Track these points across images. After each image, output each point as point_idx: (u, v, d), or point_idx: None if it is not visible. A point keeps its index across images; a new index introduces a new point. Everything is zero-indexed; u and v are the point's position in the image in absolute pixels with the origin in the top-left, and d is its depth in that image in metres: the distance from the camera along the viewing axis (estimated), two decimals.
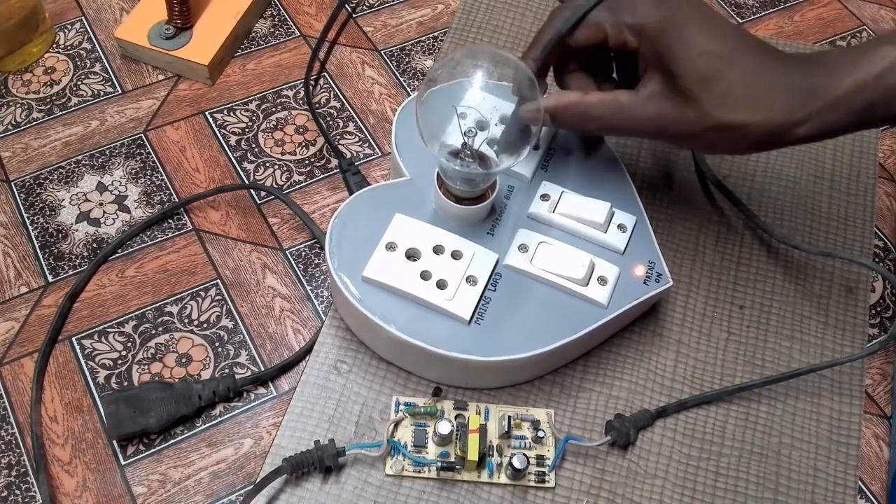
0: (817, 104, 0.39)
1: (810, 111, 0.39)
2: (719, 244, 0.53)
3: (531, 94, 0.43)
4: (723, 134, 0.40)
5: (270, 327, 0.50)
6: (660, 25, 0.40)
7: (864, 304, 0.52)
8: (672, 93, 0.41)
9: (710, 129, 0.40)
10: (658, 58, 0.41)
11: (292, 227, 0.54)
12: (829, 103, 0.39)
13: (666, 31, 0.40)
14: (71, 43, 0.62)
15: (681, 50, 0.40)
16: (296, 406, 0.46)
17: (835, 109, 0.39)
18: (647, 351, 0.49)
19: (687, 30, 0.40)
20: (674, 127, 0.41)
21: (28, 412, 0.46)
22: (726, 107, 0.40)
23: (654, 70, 0.41)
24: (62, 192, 0.54)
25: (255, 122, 0.58)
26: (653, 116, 0.42)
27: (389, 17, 0.64)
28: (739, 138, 0.40)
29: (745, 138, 0.40)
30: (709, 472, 0.45)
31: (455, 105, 0.43)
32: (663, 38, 0.40)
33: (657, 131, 0.42)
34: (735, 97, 0.39)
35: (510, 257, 0.46)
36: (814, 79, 0.39)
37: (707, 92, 0.40)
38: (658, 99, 0.41)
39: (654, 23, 0.41)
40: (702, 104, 0.40)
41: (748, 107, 0.39)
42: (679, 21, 0.40)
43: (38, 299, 0.50)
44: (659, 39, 0.40)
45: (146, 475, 0.45)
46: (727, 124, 0.40)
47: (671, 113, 0.41)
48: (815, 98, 0.39)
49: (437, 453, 0.44)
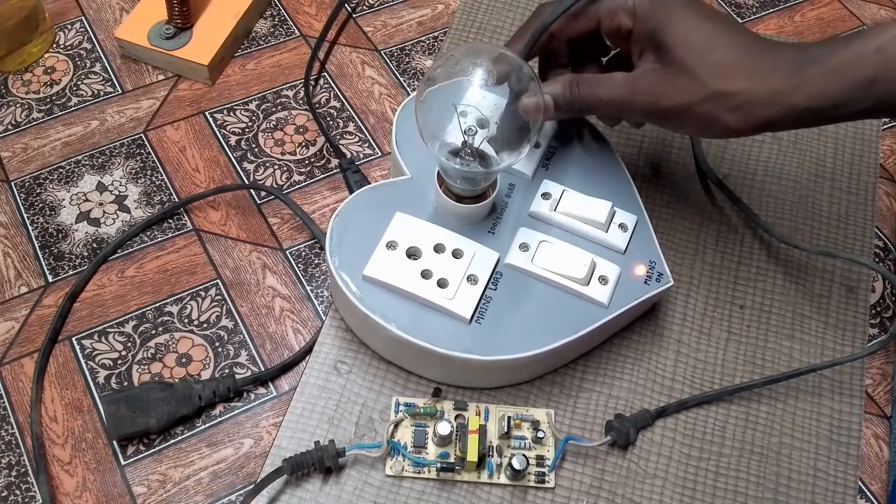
0: (813, 71, 0.38)
1: (805, 77, 0.38)
2: (720, 244, 0.53)
3: (530, 89, 0.42)
4: (718, 104, 0.39)
5: (270, 327, 0.50)
6: (651, 4, 0.41)
7: (864, 304, 0.52)
8: (666, 67, 0.41)
9: (706, 100, 0.40)
10: (651, 36, 0.41)
11: (292, 227, 0.54)
12: (827, 70, 0.38)
13: (657, 8, 0.41)
14: (71, 43, 0.61)
15: (674, 25, 0.40)
16: (296, 406, 0.46)
17: (832, 76, 0.38)
18: (647, 351, 0.49)
19: (678, 8, 0.40)
20: (668, 100, 0.41)
21: (28, 412, 0.46)
22: (721, 75, 0.39)
23: (648, 50, 0.42)
24: (62, 192, 0.54)
25: (255, 122, 0.58)
26: (646, 89, 0.41)
27: (389, 17, 0.64)
28: (736, 108, 0.39)
29: (742, 108, 0.39)
30: (709, 472, 0.45)
31: (455, 103, 0.43)
32: (656, 16, 0.41)
33: (651, 106, 0.42)
34: (730, 65, 0.39)
35: (511, 256, 0.46)
36: (810, 50, 0.39)
37: (701, 60, 0.39)
38: (652, 73, 0.41)
39: (645, 1, 0.41)
40: (696, 73, 0.39)
41: (744, 74, 0.39)
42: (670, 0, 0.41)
43: (38, 299, 0.50)
44: (652, 17, 0.41)
45: (146, 475, 0.45)
46: (723, 92, 0.39)
47: (665, 85, 0.41)
48: (811, 66, 0.38)
49: (436, 454, 0.44)
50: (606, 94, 0.43)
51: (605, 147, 0.50)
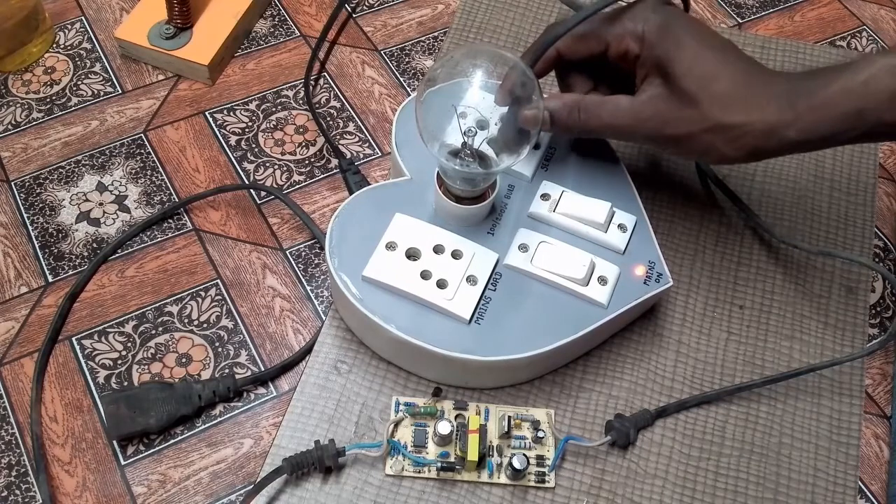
0: (804, 104, 0.40)
1: (798, 111, 0.40)
2: (719, 244, 0.53)
3: (530, 95, 0.43)
4: (718, 135, 0.41)
5: (270, 327, 0.50)
6: (659, 31, 0.42)
7: (864, 304, 0.52)
8: (671, 95, 0.42)
9: (707, 130, 0.41)
10: (657, 61, 0.42)
11: (292, 227, 0.54)
12: (817, 104, 0.40)
13: (665, 36, 0.42)
14: (71, 43, 0.62)
15: (680, 54, 0.41)
16: (296, 406, 0.46)
17: (822, 109, 0.40)
18: (647, 351, 0.49)
19: (684, 35, 0.42)
20: (671, 128, 0.42)
21: (28, 412, 0.46)
22: (724, 107, 0.41)
23: (654, 75, 0.42)
24: (62, 192, 0.54)
25: (255, 122, 0.58)
26: (651, 116, 0.42)
27: (389, 17, 0.64)
28: (734, 139, 0.41)
29: (740, 140, 0.41)
30: (709, 472, 0.45)
31: (455, 104, 0.43)
32: (664, 43, 0.42)
33: (654, 133, 0.43)
34: (731, 97, 0.41)
35: (510, 257, 0.46)
36: (802, 83, 0.41)
37: (705, 91, 0.41)
38: (657, 100, 0.42)
39: (653, 28, 0.42)
40: (700, 104, 0.41)
41: (743, 107, 0.40)
42: (676, 27, 0.42)
43: (38, 299, 0.50)
44: (660, 44, 0.42)
45: (146, 475, 0.45)
46: (724, 125, 0.41)
47: (670, 113, 0.42)
48: (803, 99, 0.40)
49: (437, 453, 0.44)
50: (610, 118, 0.44)
51: (605, 147, 0.50)
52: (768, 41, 0.63)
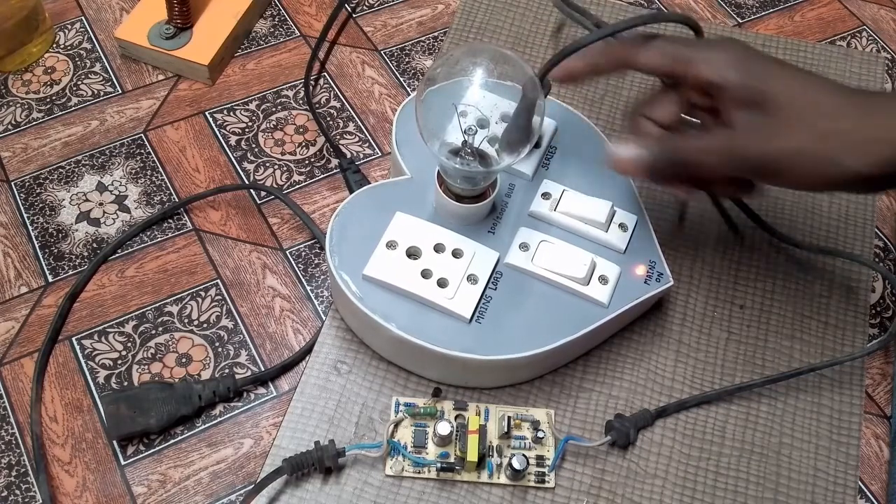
0: None
1: None
2: (720, 244, 0.53)
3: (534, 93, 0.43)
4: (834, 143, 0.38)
5: (270, 327, 0.50)
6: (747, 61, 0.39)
7: (864, 304, 0.52)
8: (773, 117, 0.39)
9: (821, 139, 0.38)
10: (749, 90, 0.39)
11: (292, 227, 0.54)
12: None
13: (753, 66, 0.39)
14: (71, 43, 0.61)
15: (773, 80, 0.39)
16: (296, 406, 0.46)
17: None
18: (647, 351, 0.49)
19: (773, 65, 0.39)
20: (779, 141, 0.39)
21: (28, 412, 0.46)
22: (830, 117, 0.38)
23: (744, 106, 0.39)
24: (62, 192, 0.54)
25: (255, 122, 0.58)
26: (756, 137, 0.39)
27: (389, 17, 0.64)
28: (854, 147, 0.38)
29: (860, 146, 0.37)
30: (709, 472, 0.45)
31: (455, 103, 0.43)
32: (753, 71, 0.39)
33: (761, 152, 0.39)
34: (835, 109, 0.38)
35: (511, 256, 0.46)
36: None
37: (806, 106, 0.38)
38: (759, 124, 0.39)
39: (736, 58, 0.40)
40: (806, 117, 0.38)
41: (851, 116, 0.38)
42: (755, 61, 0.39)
43: (38, 299, 0.50)
44: (750, 72, 0.39)
45: (146, 475, 0.45)
46: (836, 130, 0.38)
47: (776, 130, 0.39)
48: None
49: (436, 454, 0.44)
50: (710, 145, 0.40)
51: (605, 147, 0.50)
52: (769, 39, 0.63)
